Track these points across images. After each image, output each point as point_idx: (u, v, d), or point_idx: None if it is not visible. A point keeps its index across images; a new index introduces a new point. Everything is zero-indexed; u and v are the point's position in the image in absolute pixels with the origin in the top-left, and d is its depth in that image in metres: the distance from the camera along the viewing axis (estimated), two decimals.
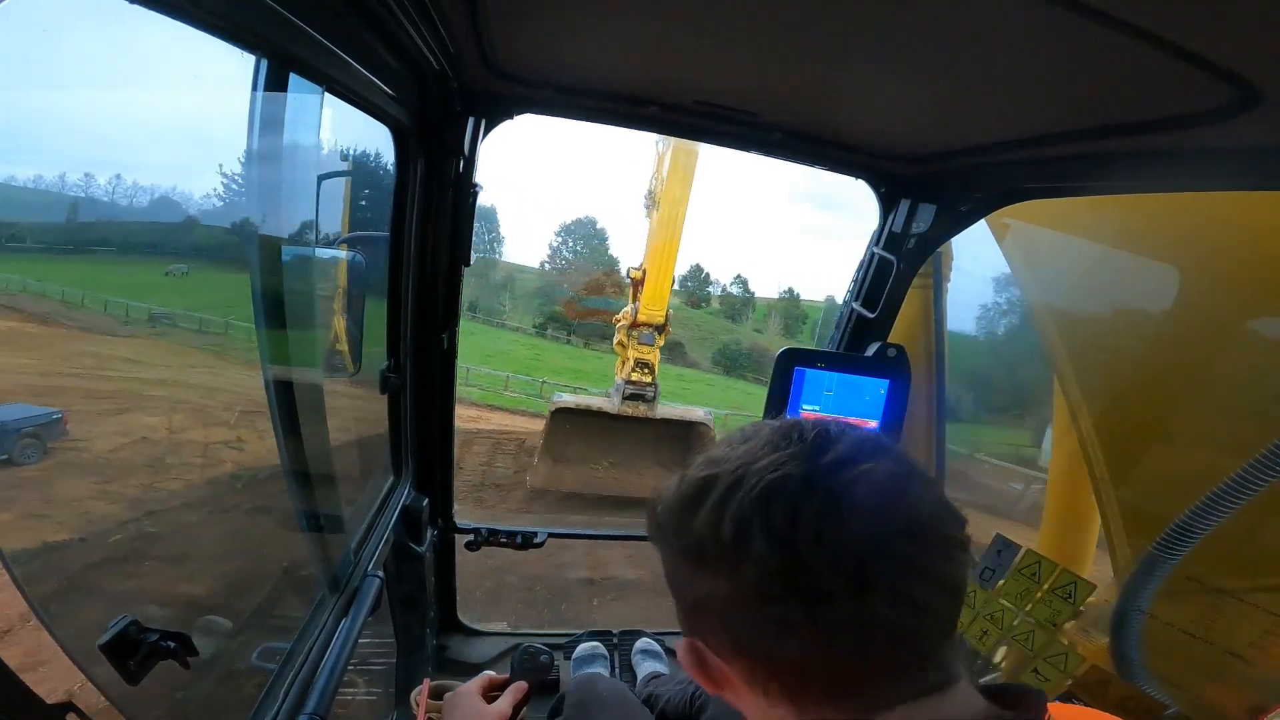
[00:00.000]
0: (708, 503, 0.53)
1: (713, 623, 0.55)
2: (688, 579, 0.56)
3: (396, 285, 1.57)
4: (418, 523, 1.79)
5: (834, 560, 0.47)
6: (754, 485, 0.51)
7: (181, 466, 1.80)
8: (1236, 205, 1.33)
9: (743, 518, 0.50)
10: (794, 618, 0.49)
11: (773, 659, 0.52)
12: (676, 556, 0.58)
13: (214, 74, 0.84)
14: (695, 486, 0.55)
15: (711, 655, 0.56)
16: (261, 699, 1.00)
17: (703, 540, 0.53)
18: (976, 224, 1.74)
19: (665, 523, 0.59)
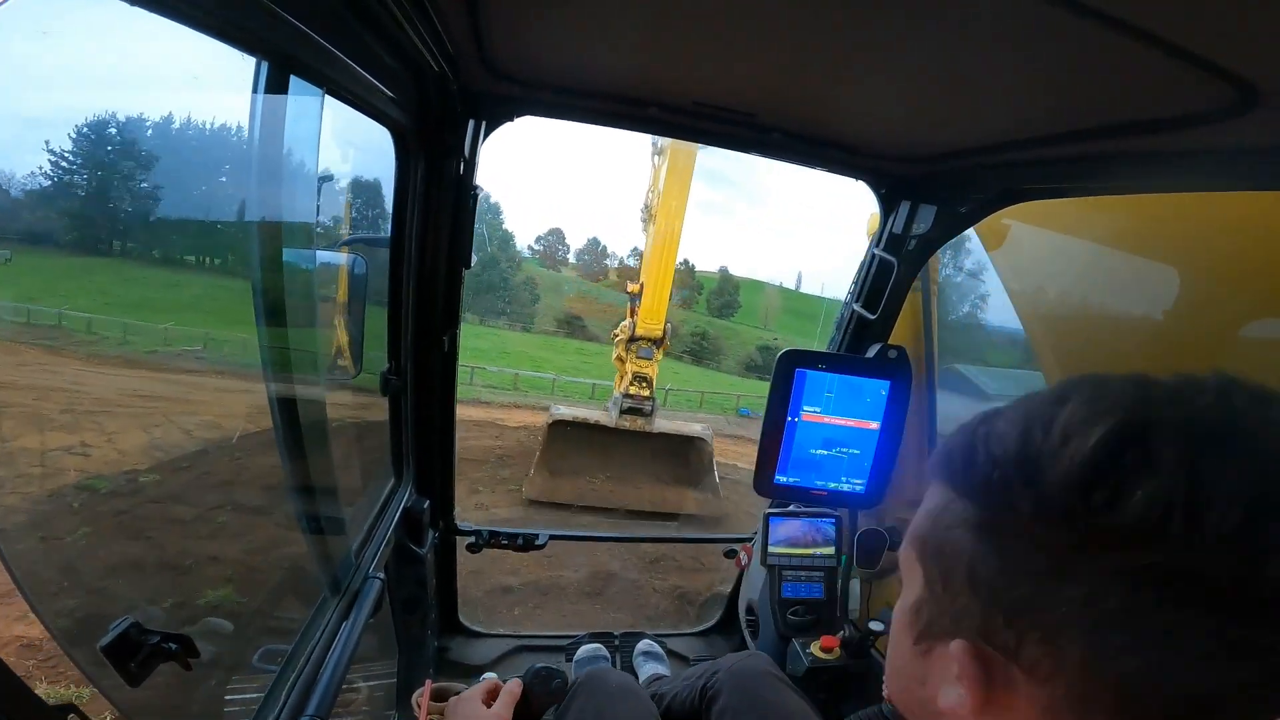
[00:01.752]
0: (1088, 441, 0.36)
1: (1063, 628, 0.38)
2: (1050, 563, 0.38)
3: (397, 287, 1.57)
4: (419, 525, 1.79)
5: None
6: (1185, 424, 0.35)
7: (183, 468, 1.80)
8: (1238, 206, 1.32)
9: (1176, 476, 0.34)
10: (1248, 640, 0.34)
11: (1165, 691, 0.36)
12: (1015, 532, 0.40)
13: (214, 77, 0.85)
14: (1048, 414, 0.39)
15: (1016, 670, 0.40)
16: (263, 701, 1.00)
17: (1070, 504, 0.36)
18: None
19: (994, 475, 0.41)
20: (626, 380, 10.59)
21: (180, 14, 0.65)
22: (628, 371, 10.62)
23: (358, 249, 1.50)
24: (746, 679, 1.42)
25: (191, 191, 1.67)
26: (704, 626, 2.69)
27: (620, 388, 10.78)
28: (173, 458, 1.89)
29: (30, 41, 0.68)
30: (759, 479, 1.92)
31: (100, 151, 1.35)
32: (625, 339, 10.75)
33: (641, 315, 10.47)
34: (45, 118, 0.86)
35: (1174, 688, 0.35)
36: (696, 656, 2.41)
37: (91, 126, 1.26)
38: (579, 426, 10.62)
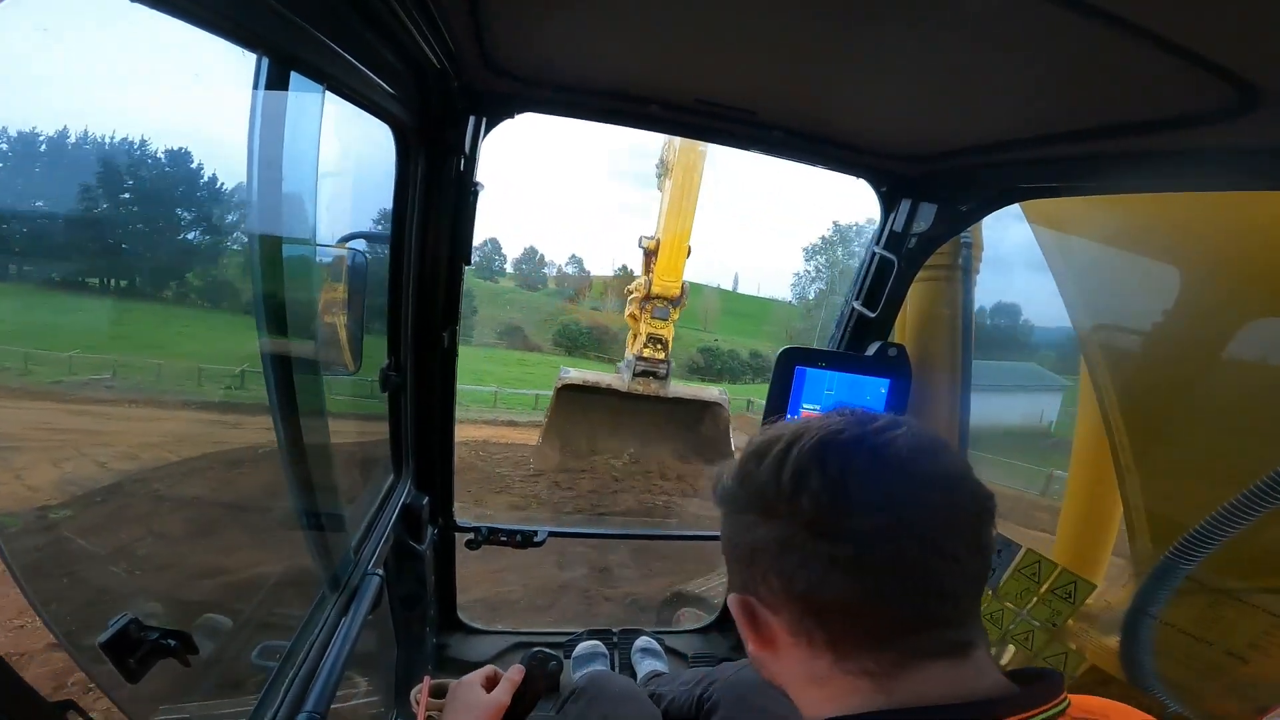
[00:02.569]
0: (771, 455, 0.60)
1: (766, 569, 0.59)
2: (747, 529, 0.61)
3: (397, 284, 1.57)
4: (418, 521, 1.79)
5: (878, 501, 0.54)
6: (812, 438, 0.58)
7: (182, 465, 1.80)
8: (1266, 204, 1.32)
9: (802, 463, 0.57)
10: (841, 554, 0.54)
11: (820, 600, 0.56)
12: (738, 510, 0.63)
13: (215, 73, 0.84)
14: (760, 445, 0.63)
15: (761, 608, 0.61)
16: (261, 697, 1.00)
17: (765, 485, 0.59)
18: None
19: (729, 483, 0.65)
20: (640, 341, 10.14)
21: (180, 10, 0.64)
22: (641, 332, 10.18)
23: (358, 245, 1.49)
24: (744, 689, 1.42)
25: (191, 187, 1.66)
26: (702, 624, 2.69)
27: (633, 349, 10.33)
28: (172, 456, 1.89)
29: (28, 39, 0.68)
30: None
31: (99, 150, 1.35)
32: (640, 297, 10.30)
33: (657, 273, 10.05)
34: (44, 117, 0.86)
35: (829, 598, 0.56)
36: (695, 654, 2.41)
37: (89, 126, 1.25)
38: (589, 391, 10.16)
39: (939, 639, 0.56)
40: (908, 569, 0.54)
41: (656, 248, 10.13)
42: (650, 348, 10.09)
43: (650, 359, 10.06)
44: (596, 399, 10.22)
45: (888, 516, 0.54)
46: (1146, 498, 1.58)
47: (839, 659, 0.57)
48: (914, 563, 0.53)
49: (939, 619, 0.56)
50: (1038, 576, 1.64)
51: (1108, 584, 1.78)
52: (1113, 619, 1.58)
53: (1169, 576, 1.44)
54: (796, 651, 0.60)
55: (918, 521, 0.54)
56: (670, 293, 10.14)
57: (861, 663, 0.56)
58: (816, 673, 0.59)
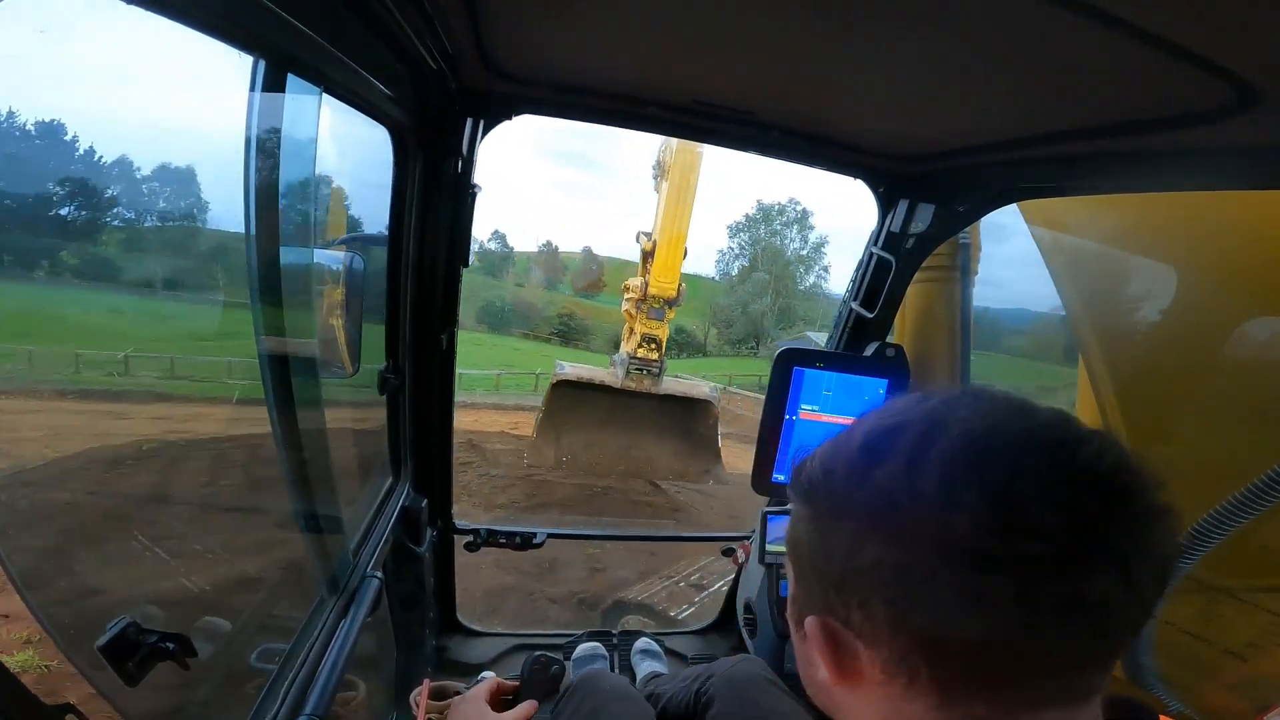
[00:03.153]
0: (899, 447, 0.46)
1: (872, 596, 0.47)
2: (850, 540, 0.48)
3: (395, 286, 1.57)
4: (417, 523, 1.79)
5: (1059, 524, 0.41)
6: (962, 430, 0.45)
7: (181, 467, 1.80)
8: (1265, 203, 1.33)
9: (950, 464, 0.44)
10: (998, 590, 0.42)
11: (945, 637, 0.45)
12: (838, 516, 0.50)
13: (211, 75, 0.84)
14: (879, 433, 0.49)
15: (851, 637, 0.50)
16: (260, 700, 1.00)
17: (892, 494, 0.45)
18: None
19: (824, 479, 0.52)
20: (635, 340, 10.19)
21: (176, 12, 0.64)
22: (637, 331, 10.21)
23: (355, 247, 1.49)
24: (741, 684, 1.42)
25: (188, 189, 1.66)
26: (702, 625, 2.69)
27: (627, 347, 10.37)
28: (170, 457, 1.89)
29: (24, 39, 0.68)
30: (757, 477, 1.92)
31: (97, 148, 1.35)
32: (636, 298, 10.31)
33: (654, 274, 10.06)
34: (38, 118, 0.86)
35: (960, 637, 0.44)
36: (694, 655, 2.41)
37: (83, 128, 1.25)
38: (583, 387, 10.20)
39: (1075, 683, 0.46)
40: (1083, 608, 0.42)
41: (653, 249, 10.15)
42: (645, 347, 10.15)
43: (644, 359, 10.11)
44: (590, 395, 10.27)
45: (1069, 543, 0.41)
46: None
47: (942, 704, 0.47)
48: (1094, 600, 0.42)
49: (1090, 662, 0.46)
50: None
51: None
52: None
53: None
54: (887, 689, 0.49)
55: (1107, 547, 0.42)
56: (667, 293, 10.17)
57: (971, 709, 0.46)
58: (904, 714, 0.49)
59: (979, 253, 2.14)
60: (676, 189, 9.76)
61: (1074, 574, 0.41)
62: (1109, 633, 0.45)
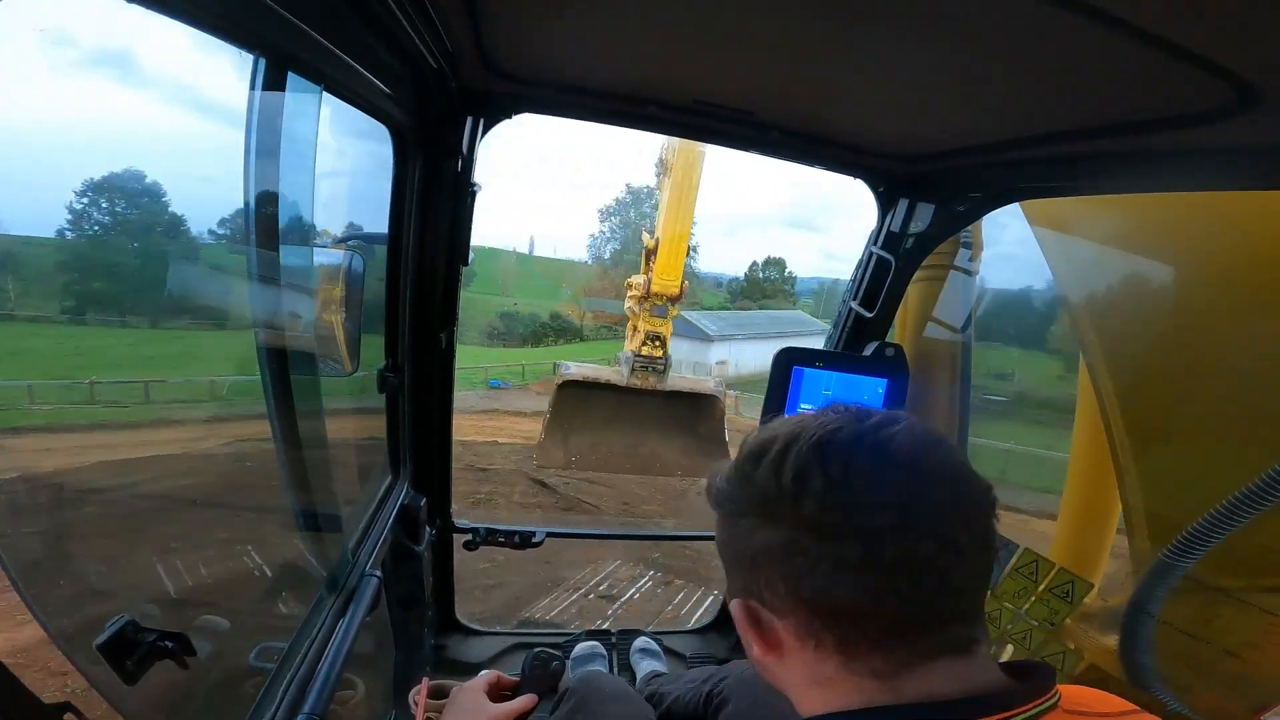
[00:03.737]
0: (769, 456, 0.59)
1: (770, 574, 0.58)
2: (747, 532, 0.60)
3: (395, 285, 1.57)
4: (415, 522, 1.79)
5: (885, 499, 0.53)
6: (810, 438, 0.57)
7: (179, 465, 1.80)
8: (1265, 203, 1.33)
9: (802, 464, 0.56)
10: (850, 555, 0.53)
11: (828, 604, 0.55)
12: (737, 514, 0.62)
13: (212, 74, 0.84)
14: (756, 447, 0.62)
15: (766, 613, 0.60)
16: (260, 698, 1.00)
17: (765, 489, 0.58)
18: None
19: (725, 485, 0.64)
20: (639, 339, 10.17)
21: (177, 11, 0.64)
22: (640, 329, 10.19)
23: (355, 246, 1.49)
24: (756, 687, 1.42)
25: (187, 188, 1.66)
26: (701, 625, 2.69)
27: (631, 345, 10.34)
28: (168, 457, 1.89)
29: (24, 38, 0.68)
30: None
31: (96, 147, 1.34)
32: (639, 295, 10.30)
33: (657, 271, 10.07)
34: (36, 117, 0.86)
35: (838, 600, 0.55)
36: (693, 654, 2.41)
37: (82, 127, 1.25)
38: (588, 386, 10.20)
39: (948, 636, 0.56)
40: (919, 566, 0.53)
41: (656, 247, 10.12)
42: (649, 345, 10.11)
43: (649, 356, 10.07)
44: (595, 394, 10.25)
45: (896, 514, 0.53)
46: (1145, 496, 1.59)
47: (847, 660, 0.57)
48: (925, 559, 0.53)
49: (949, 615, 0.56)
50: (1035, 576, 1.64)
51: (1106, 583, 1.78)
52: (1111, 617, 1.58)
53: (1167, 575, 1.44)
54: (803, 654, 0.59)
55: (926, 517, 0.53)
56: (669, 291, 10.15)
57: (870, 663, 0.56)
58: (822, 674, 0.59)
59: (980, 252, 2.14)
60: (678, 187, 9.73)
61: (903, 539, 0.52)
62: (952, 589, 0.55)
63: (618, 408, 10.41)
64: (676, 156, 9.68)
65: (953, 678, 0.55)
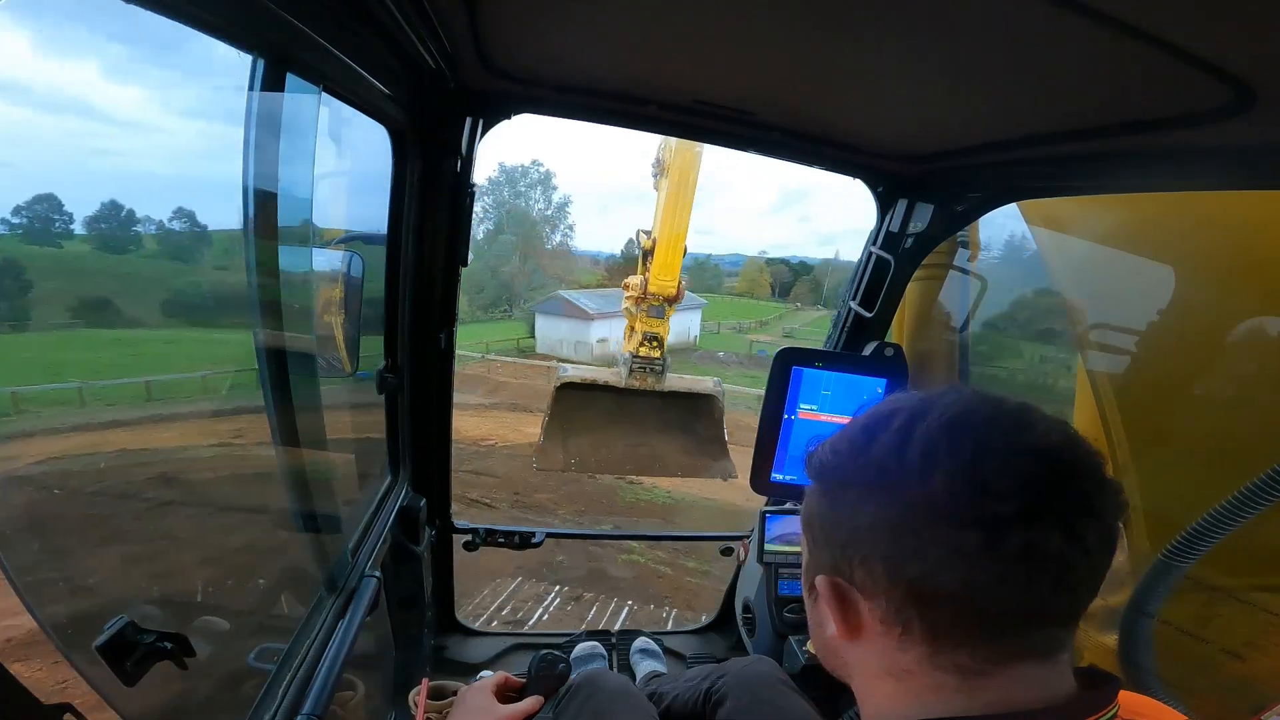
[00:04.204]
0: (891, 428, 0.56)
1: (871, 553, 0.55)
2: (853, 507, 0.57)
3: (394, 285, 1.57)
4: (415, 523, 1.79)
5: (1016, 487, 0.50)
6: (941, 414, 0.54)
7: (178, 466, 1.80)
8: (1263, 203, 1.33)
9: (931, 440, 0.53)
10: (969, 541, 0.50)
11: (931, 589, 0.52)
12: (844, 486, 0.59)
13: (210, 74, 0.84)
14: (877, 418, 0.58)
15: (854, 592, 0.58)
16: (259, 699, 1.00)
17: (884, 463, 0.55)
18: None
19: (831, 456, 0.61)
20: (636, 340, 9.98)
21: (175, 11, 0.64)
22: (637, 330, 10.02)
23: (354, 247, 1.49)
24: (755, 683, 1.42)
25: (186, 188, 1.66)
26: (700, 624, 2.69)
27: (629, 347, 10.16)
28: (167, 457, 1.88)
29: (22, 38, 0.68)
30: (756, 477, 1.92)
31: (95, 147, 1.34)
32: (636, 296, 10.10)
33: (654, 272, 9.84)
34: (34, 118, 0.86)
35: (942, 587, 0.51)
36: (693, 654, 2.41)
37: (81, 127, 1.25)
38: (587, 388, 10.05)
39: (1044, 637, 0.53)
40: (1041, 559, 0.49)
41: (653, 247, 10.09)
42: (646, 346, 10.04)
43: (647, 357, 10.05)
44: (594, 396, 10.23)
45: (1027, 502, 0.49)
46: (1143, 496, 1.59)
47: (933, 653, 0.54)
48: (1050, 552, 0.49)
49: (1054, 616, 0.53)
50: None
51: (1105, 582, 1.78)
52: (1110, 617, 1.58)
53: (1166, 574, 1.44)
54: (884, 641, 0.56)
55: (1058, 508, 0.50)
56: (667, 291, 10.08)
57: (957, 657, 0.53)
58: (900, 666, 0.56)
59: (978, 251, 2.15)
60: (676, 187, 9.67)
61: (1029, 529, 0.49)
62: (1068, 586, 0.51)
63: (617, 409, 10.38)
64: (674, 157, 9.65)
65: (1034, 684, 0.53)
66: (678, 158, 9.60)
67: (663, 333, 10.17)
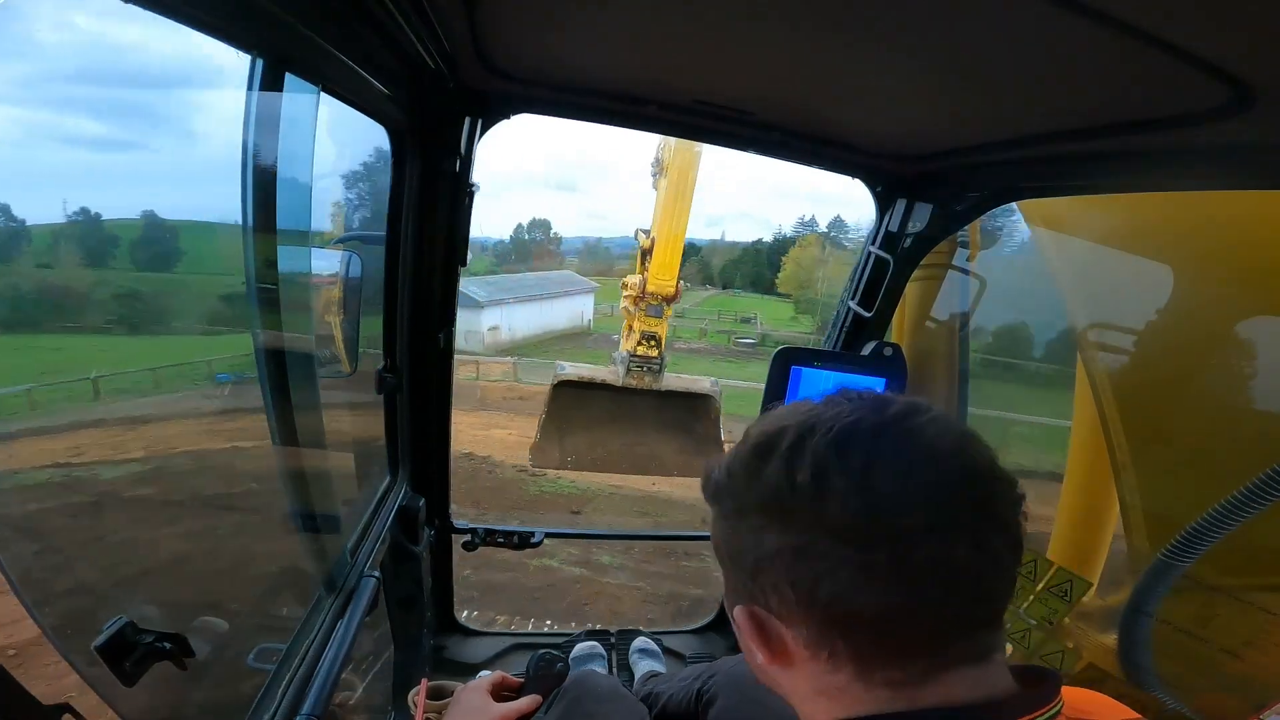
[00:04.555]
0: (779, 450, 0.53)
1: (780, 579, 0.53)
2: (754, 534, 0.55)
3: (393, 285, 1.57)
4: (414, 523, 1.79)
5: (915, 499, 0.48)
6: (827, 430, 0.52)
7: (178, 466, 1.80)
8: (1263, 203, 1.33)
9: (820, 460, 0.50)
10: (876, 560, 0.48)
11: (847, 610, 0.50)
12: (741, 513, 0.57)
13: (209, 73, 0.84)
14: (762, 438, 0.56)
15: (773, 620, 0.55)
16: (258, 699, 1.00)
17: (777, 487, 0.52)
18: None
19: (727, 481, 0.59)
20: (634, 339, 10.04)
21: (174, 11, 0.64)
22: (635, 329, 10.07)
23: (353, 247, 1.49)
24: (745, 682, 1.42)
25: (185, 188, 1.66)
26: (700, 624, 2.69)
27: (627, 346, 10.23)
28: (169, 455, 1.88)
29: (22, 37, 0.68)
30: None
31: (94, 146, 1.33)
32: (634, 295, 10.16)
33: (653, 271, 9.88)
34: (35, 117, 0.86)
35: (857, 606, 0.50)
36: (692, 654, 2.41)
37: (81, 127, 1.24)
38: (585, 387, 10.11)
39: (972, 644, 0.52)
40: (952, 571, 0.48)
41: (651, 246, 10.08)
42: (644, 345, 10.04)
43: (644, 356, 10.04)
44: (591, 394, 10.23)
45: (928, 515, 0.48)
46: (1143, 496, 1.59)
47: (862, 672, 0.52)
48: (959, 564, 0.48)
49: (978, 623, 0.52)
50: (1034, 575, 1.64)
51: (1104, 582, 1.78)
52: (1110, 617, 1.58)
53: (1165, 574, 1.44)
54: (814, 665, 0.54)
55: (961, 517, 0.48)
56: (665, 291, 10.07)
57: (888, 674, 0.52)
58: (832, 685, 0.54)
59: (978, 251, 2.14)
60: (675, 187, 9.67)
61: (934, 543, 0.48)
62: (984, 595, 0.51)
63: (614, 408, 10.38)
64: (673, 156, 9.64)
65: (969, 685, 0.52)
66: (677, 157, 9.59)
67: (661, 332, 10.17)
